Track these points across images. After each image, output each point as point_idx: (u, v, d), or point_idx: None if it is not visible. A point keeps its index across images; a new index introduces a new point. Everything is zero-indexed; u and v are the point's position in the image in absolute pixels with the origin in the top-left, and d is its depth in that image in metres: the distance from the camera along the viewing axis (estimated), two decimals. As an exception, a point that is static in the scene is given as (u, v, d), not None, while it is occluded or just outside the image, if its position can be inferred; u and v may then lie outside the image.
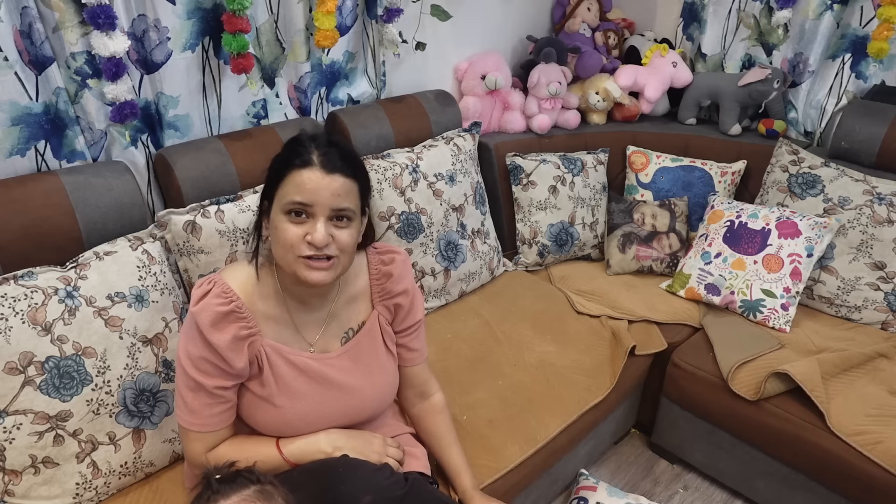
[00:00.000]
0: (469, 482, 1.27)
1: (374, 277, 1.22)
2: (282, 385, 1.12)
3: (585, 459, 1.86)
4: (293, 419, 1.13)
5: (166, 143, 1.60)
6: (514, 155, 2.19)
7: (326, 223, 1.02)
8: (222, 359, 1.05)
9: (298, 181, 1.02)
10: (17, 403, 1.12)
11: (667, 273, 2.14)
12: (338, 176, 1.02)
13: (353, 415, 1.19)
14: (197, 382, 1.06)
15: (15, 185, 1.30)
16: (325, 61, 1.88)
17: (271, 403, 1.12)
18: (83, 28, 1.36)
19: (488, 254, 2.03)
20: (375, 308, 1.23)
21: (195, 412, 1.08)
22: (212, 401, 1.08)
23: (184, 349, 1.07)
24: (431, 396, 1.33)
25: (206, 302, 1.06)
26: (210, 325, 1.04)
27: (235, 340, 1.06)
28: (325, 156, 1.03)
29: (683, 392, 1.81)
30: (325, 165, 1.02)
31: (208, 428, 1.09)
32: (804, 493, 1.65)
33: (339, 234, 1.04)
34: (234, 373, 1.07)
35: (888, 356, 1.74)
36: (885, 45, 1.99)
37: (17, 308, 1.14)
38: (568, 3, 2.57)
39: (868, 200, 1.88)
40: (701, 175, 2.23)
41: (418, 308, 1.27)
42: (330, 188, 1.01)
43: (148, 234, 1.38)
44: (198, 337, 1.05)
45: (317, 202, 1.01)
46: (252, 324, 1.09)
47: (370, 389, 1.20)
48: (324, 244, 1.02)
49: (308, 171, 1.02)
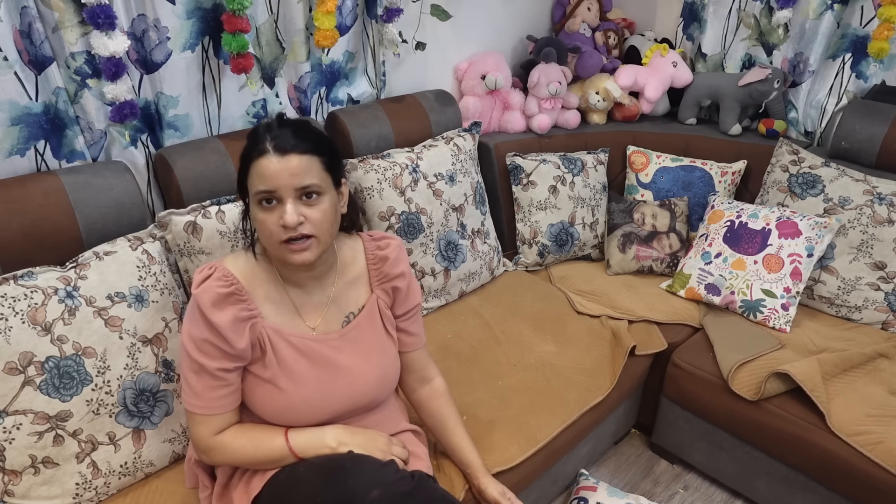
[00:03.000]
0: (478, 461, 1.31)
1: (371, 262, 1.25)
2: (284, 367, 1.14)
3: (585, 459, 1.86)
4: (296, 402, 1.14)
5: (166, 143, 1.60)
6: (514, 155, 2.19)
7: (295, 203, 1.04)
8: (223, 339, 1.07)
9: (259, 171, 1.04)
10: (16, 403, 1.12)
11: (667, 273, 2.14)
12: (293, 156, 1.04)
13: (356, 397, 1.20)
14: (200, 364, 1.08)
15: (15, 185, 1.30)
16: (325, 61, 1.88)
17: (275, 386, 1.13)
18: (83, 28, 1.36)
19: (488, 254, 2.03)
20: (374, 292, 1.25)
21: (199, 395, 1.09)
22: (215, 383, 1.09)
23: (186, 332, 1.09)
24: (432, 381, 1.35)
25: (207, 284, 1.08)
26: (211, 304, 1.07)
27: (236, 321, 1.08)
28: (276, 139, 1.05)
29: (683, 392, 1.81)
30: (278, 148, 1.04)
31: (212, 411, 1.11)
32: (804, 494, 1.65)
33: (310, 213, 1.05)
34: (236, 353, 1.09)
35: (888, 356, 1.74)
36: (885, 44, 1.99)
37: (17, 308, 1.14)
38: (568, 2, 2.57)
39: (868, 200, 1.88)
40: (701, 175, 2.23)
41: (416, 292, 1.30)
42: (287, 169, 1.03)
43: (148, 234, 1.38)
44: (199, 318, 1.07)
45: (279, 186, 1.03)
46: (252, 306, 1.11)
47: (371, 371, 1.22)
48: (295, 224, 1.03)
49: (264, 158, 1.04)
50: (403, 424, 1.31)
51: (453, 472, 1.35)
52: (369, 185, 1.78)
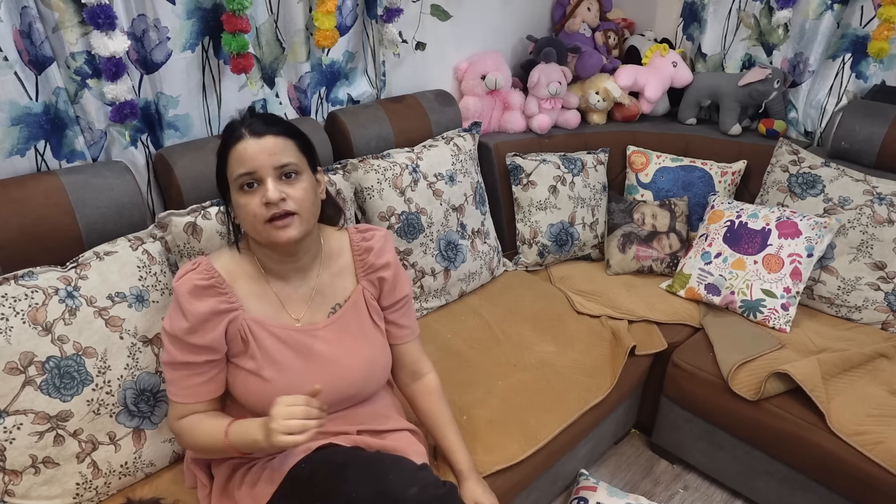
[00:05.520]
0: (465, 462, 1.30)
1: (356, 253, 1.27)
2: (267, 358, 1.15)
3: (585, 459, 1.86)
4: (281, 390, 1.11)
5: (166, 143, 1.60)
6: (514, 155, 2.19)
7: (276, 182, 1.08)
8: (195, 331, 1.10)
9: (237, 156, 1.09)
10: (17, 403, 1.12)
11: (667, 273, 2.14)
12: (268, 137, 1.10)
13: (342, 388, 1.21)
14: (171, 355, 1.12)
15: (15, 185, 1.30)
16: (325, 61, 1.88)
17: (260, 377, 1.15)
18: (83, 28, 1.36)
19: (488, 254, 2.03)
20: (360, 283, 1.27)
21: (172, 382, 1.15)
22: (186, 372, 1.13)
23: (165, 322, 1.14)
24: (424, 377, 1.35)
25: (187, 276, 1.13)
26: (188, 293, 1.10)
27: (214, 314, 1.11)
28: (250, 126, 1.10)
29: (683, 392, 1.81)
30: (254, 132, 1.10)
31: (184, 399, 1.14)
32: (804, 494, 1.65)
33: (291, 191, 1.09)
34: (205, 345, 1.11)
35: (888, 356, 1.74)
36: (885, 44, 1.99)
37: (18, 308, 1.14)
38: (568, 2, 2.57)
39: (868, 200, 1.88)
40: (701, 175, 2.23)
41: (404, 283, 1.31)
42: (265, 149, 1.08)
43: (148, 235, 1.38)
44: (176, 308, 1.12)
45: (258, 166, 1.08)
46: (233, 299, 1.14)
47: (357, 362, 1.23)
48: (278, 199, 1.07)
49: (241, 143, 1.09)
50: (400, 423, 1.31)
51: (451, 475, 1.33)
52: (369, 185, 1.78)
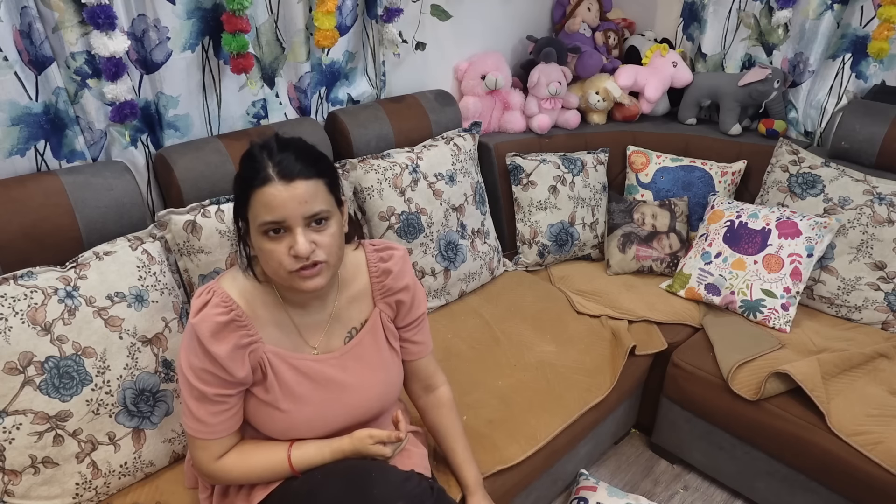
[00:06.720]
0: (472, 476, 1.29)
1: (373, 275, 1.21)
2: (286, 390, 1.12)
3: (585, 459, 1.86)
4: (298, 422, 1.13)
5: (166, 143, 1.60)
6: (514, 155, 2.19)
7: (305, 231, 1.00)
8: (223, 369, 1.05)
9: (264, 201, 0.98)
10: (16, 403, 1.12)
11: (667, 273, 2.14)
12: (299, 182, 0.99)
13: (357, 415, 1.19)
14: (200, 392, 1.05)
15: (15, 185, 1.30)
16: (325, 61, 1.88)
17: (276, 408, 1.11)
18: (83, 28, 1.36)
19: (488, 254, 2.03)
20: (377, 306, 1.22)
21: (201, 421, 1.07)
22: (217, 408, 1.07)
23: (185, 360, 1.06)
24: (437, 389, 1.33)
25: (206, 312, 1.05)
26: (210, 335, 1.03)
27: (236, 349, 1.06)
28: (279, 165, 0.99)
29: (683, 392, 1.81)
30: (284, 175, 0.98)
31: (214, 435, 1.09)
32: (804, 494, 1.65)
33: (320, 239, 1.02)
34: (236, 381, 1.07)
35: (888, 356, 1.74)
36: (885, 44, 1.99)
37: (17, 308, 1.14)
38: (568, 2, 2.57)
39: (868, 200, 1.88)
40: (701, 175, 2.23)
41: (420, 302, 1.26)
42: (296, 198, 0.98)
43: (148, 234, 1.38)
44: (198, 348, 1.04)
45: (288, 216, 0.98)
46: (253, 331, 1.08)
47: (373, 387, 1.20)
48: (308, 253, 1.00)
49: (269, 187, 0.98)
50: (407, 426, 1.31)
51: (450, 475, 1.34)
52: (369, 185, 1.78)
